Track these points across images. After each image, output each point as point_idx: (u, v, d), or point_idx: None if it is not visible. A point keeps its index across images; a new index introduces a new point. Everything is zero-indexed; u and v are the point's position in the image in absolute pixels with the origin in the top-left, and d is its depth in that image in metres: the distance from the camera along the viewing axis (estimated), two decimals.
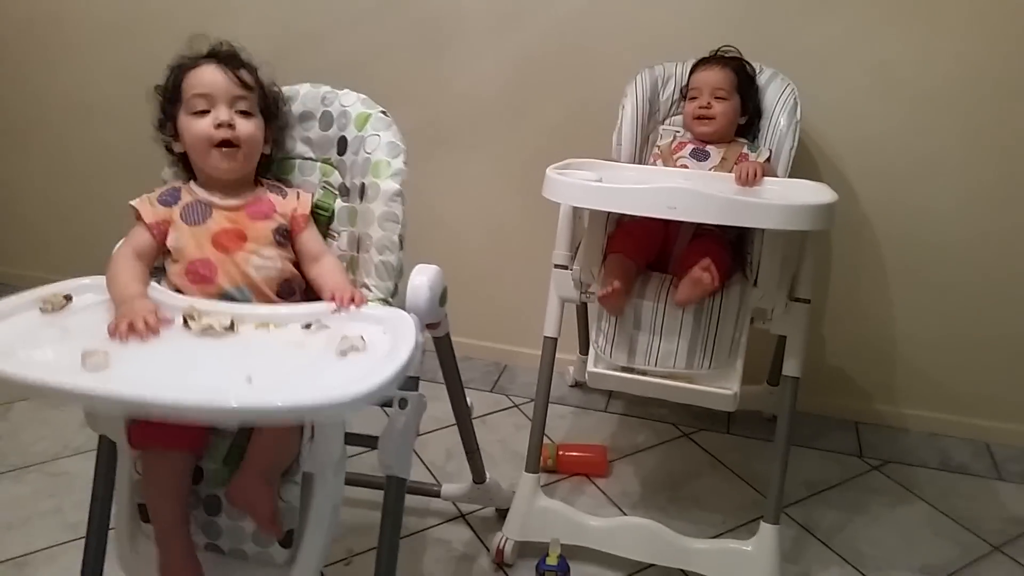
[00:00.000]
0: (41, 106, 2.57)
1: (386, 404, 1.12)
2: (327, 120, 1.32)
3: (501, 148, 2.21)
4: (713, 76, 1.71)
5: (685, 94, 1.78)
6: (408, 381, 1.05)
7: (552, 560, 1.51)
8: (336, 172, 1.32)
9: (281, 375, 0.94)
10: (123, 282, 1.13)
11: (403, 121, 2.17)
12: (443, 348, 1.43)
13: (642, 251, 1.58)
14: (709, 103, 1.69)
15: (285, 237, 1.23)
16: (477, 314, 2.42)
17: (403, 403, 1.13)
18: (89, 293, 1.12)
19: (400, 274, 1.20)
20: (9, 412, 2.08)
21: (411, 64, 2.19)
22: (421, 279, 1.17)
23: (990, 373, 2.08)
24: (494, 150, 2.22)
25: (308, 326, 1.06)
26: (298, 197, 1.26)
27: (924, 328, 2.09)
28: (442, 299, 1.22)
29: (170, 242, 1.20)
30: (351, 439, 1.16)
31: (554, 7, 2.04)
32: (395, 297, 1.20)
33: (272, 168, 1.33)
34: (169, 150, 1.28)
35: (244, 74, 1.23)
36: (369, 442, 1.16)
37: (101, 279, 1.15)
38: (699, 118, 1.70)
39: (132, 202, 1.23)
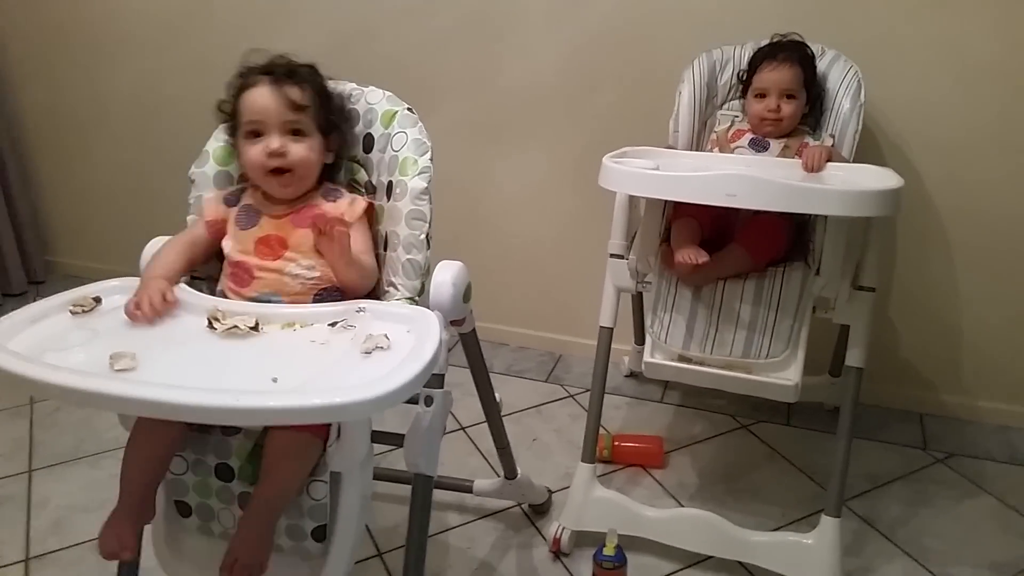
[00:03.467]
0: (105, 105, 2.65)
1: (412, 402, 1.11)
2: (353, 117, 1.31)
3: (556, 138, 2.20)
4: (782, 76, 1.64)
5: (744, 80, 1.74)
6: (433, 378, 1.04)
7: (609, 551, 1.50)
8: (363, 170, 1.32)
9: (306, 375, 0.94)
10: (152, 266, 1.19)
11: (459, 114, 2.23)
12: (469, 344, 1.42)
13: (706, 217, 1.55)
14: (778, 105, 1.64)
15: None
16: (532, 304, 2.43)
17: (429, 401, 1.12)
18: (118, 295, 1.14)
19: (427, 273, 1.19)
20: None
21: (464, 56, 2.20)
22: (444, 276, 1.16)
23: None
24: (549, 140, 2.22)
25: (333, 324, 1.07)
26: (352, 203, 1.25)
27: (994, 314, 2.02)
28: (466, 295, 1.20)
29: (224, 244, 1.23)
30: (377, 437, 1.15)
31: None
32: (422, 296, 1.20)
33: (342, 170, 1.33)
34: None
35: (297, 93, 1.21)
36: (396, 440, 1.16)
37: (130, 280, 1.17)
38: (767, 119, 1.66)
39: (206, 196, 1.28)
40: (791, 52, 1.67)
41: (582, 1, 2.05)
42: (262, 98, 1.20)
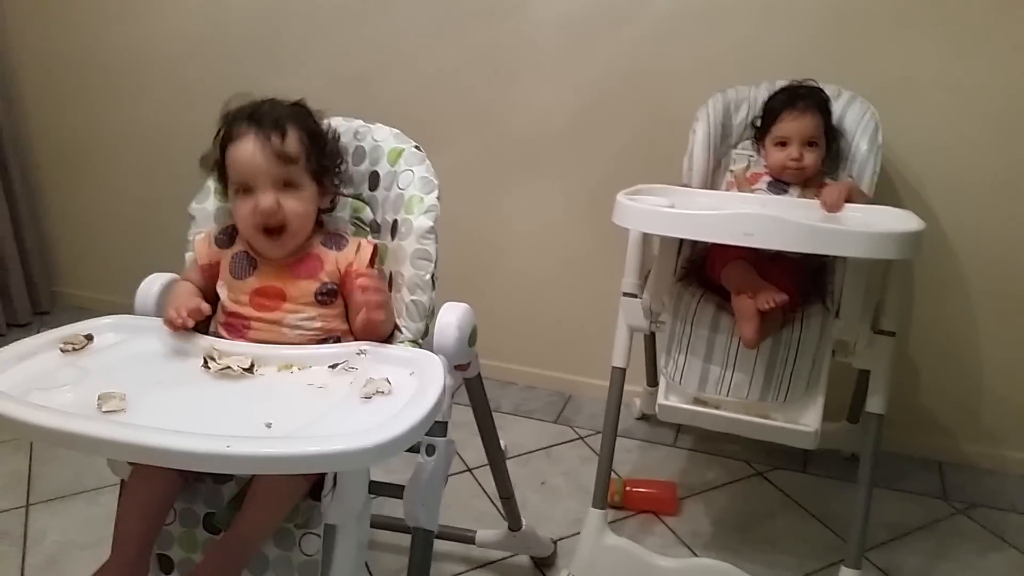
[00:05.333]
0: (115, 136, 2.65)
1: (413, 450, 1.07)
2: (359, 155, 1.28)
3: (566, 176, 2.19)
4: (805, 126, 1.61)
5: (759, 129, 1.72)
6: (436, 426, 0.99)
7: None
8: (367, 208, 1.28)
9: (302, 421, 0.90)
10: (175, 294, 1.18)
11: (470, 151, 2.22)
12: (474, 389, 1.37)
13: (719, 260, 1.53)
14: (801, 155, 1.61)
15: (331, 295, 1.18)
16: (541, 343, 2.39)
17: (430, 450, 1.07)
18: (110, 332, 1.11)
19: (431, 314, 1.15)
20: None
21: (475, 94, 2.19)
22: (449, 318, 1.12)
23: None
24: (559, 178, 2.20)
25: (333, 367, 1.04)
26: (358, 250, 1.20)
27: (1015, 361, 1.98)
28: (472, 339, 1.15)
29: (218, 287, 1.20)
30: (375, 488, 1.10)
31: (623, 32, 2.02)
32: (425, 338, 1.15)
33: (347, 208, 1.30)
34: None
35: (288, 145, 1.15)
36: (395, 491, 1.10)
37: (123, 318, 1.15)
38: (789, 168, 1.63)
39: (196, 237, 1.24)
40: (810, 99, 1.64)
41: (593, 40, 2.05)
42: (249, 153, 1.14)
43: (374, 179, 1.27)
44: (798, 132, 1.61)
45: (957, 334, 2.00)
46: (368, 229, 1.28)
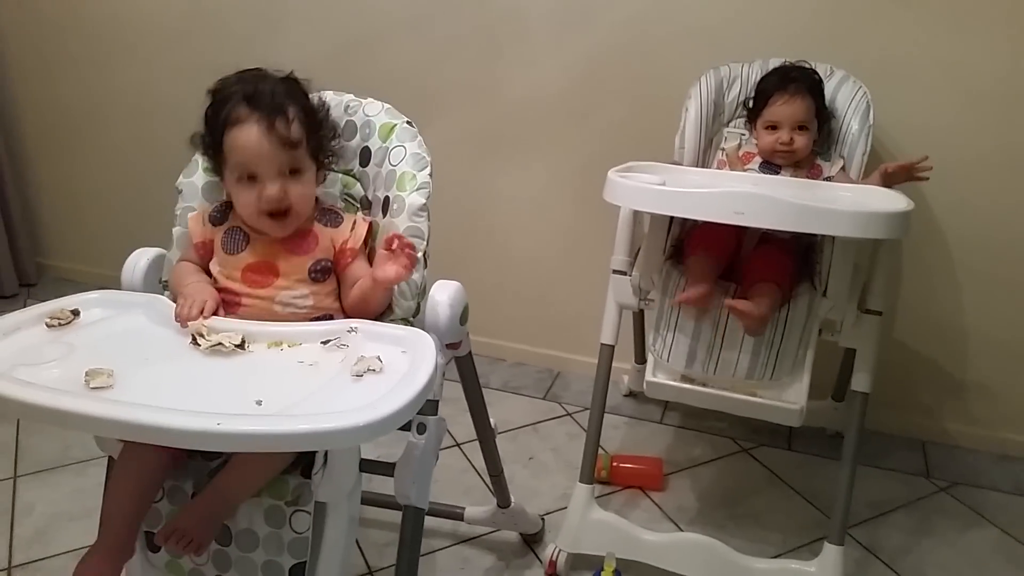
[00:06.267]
0: (102, 107, 2.62)
1: (404, 428, 1.06)
2: (350, 130, 1.26)
3: (558, 152, 2.18)
4: (795, 110, 1.60)
5: (749, 105, 1.71)
6: (427, 405, 0.98)
7: (607, 574, 1.46)
8: (358, 184, 1.27)
9: (292, 398, 0.89)
10: (181, 277, 1.16)
11: (461, 125, 2.21)
12: (465, 368, 1.36)
13: (722, 250, 1.53)
14: (792, 139, 1.60)
15: (325, 273, 1.17)
16: (531, 320, 2.40)
17: (421, 428, 1.06)
18: (96, 308, 1.10)
19: (423, 293, 1.14)
20: None
21: (469, 68, 2.17)
22: (441, 296, 1.12)
23: None
24: (551, 155, 2.19)
25: (325, 343, 1.03)
26: (353, 227, 1.19)
27: (1000, 343, 1.99)
28: (463, 317, 1.15)
29: (212, 267, 1.18)
30: (366, 466, 1.09)
31: (616, 9, 2.00)
32: (417, 316, 1.15)
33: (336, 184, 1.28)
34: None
35: (292, 129, 1.12)
36: (386, 469, 1.09)
37: (110, 293, 1.14)
38: (780, 152, 1.62)
39: (189, 215, 1.22)
40: (801, 83, 1.63)
41: (587, 15, 2.03)
42: (254, 141, 1.10)
43: (365, 155, 1.25)
44: (789, 116, 1.61)
45: (943, 315, 2.02)
46: (359, 205, 1.27)
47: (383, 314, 1.17)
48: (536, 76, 2.13)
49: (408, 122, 1.24)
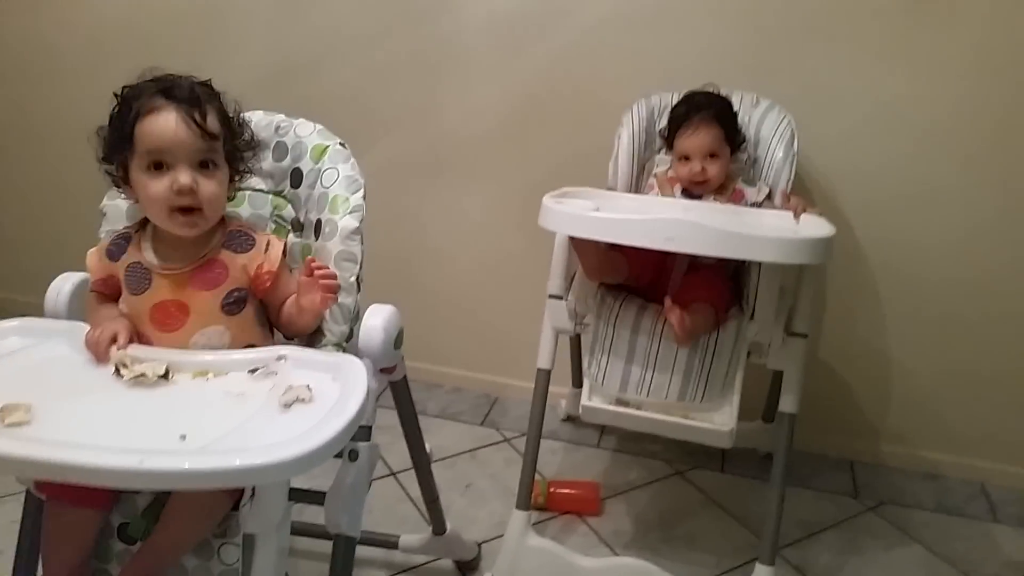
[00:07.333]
0: (27, 128, 2.54)
1: (336, 455, 1.03)
2: (281, 150, 1.24)
3: (498, 177, 2.20)
4: (701, 141, 1.62)
5: (667, 139, 1.73)
6: (360, 431, 0.96)
7: None
8: (289, 206, 1.24)
9: (218, 432, 0.86)
10: (96, 311, 1.12)
11: (399, 149, 2.20)
12: (400, 393, 1.35)
13: (638, 262, 1.55)
14: (703, 168, 1.63)
15: (239, 304, 1.11)
16: (468, 345, 2.39)
17: (353, 455, 1.05)
18: (14, 336, 1.06)
19: (356, 318, 1.13)
20: None
21: (408, 93, 2.18)
22: (375, 320, 1.11)
23: (988, 412, 2.05)
24: (491, 179, 2.21)
25: (253, 371, 1.00)
26: (267, 248, 1.13)
27: (921, 365, 2.07)
28: (398, 341, 1.14)
29: (120, 304, 1.12)
30: (296, 495, 1.07)
31: (552, 37, 2.03)
32: (350, 341, 1.14)
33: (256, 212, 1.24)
34: (117, 186, 1.15)
35: (210, 121, 1.07)
36: (317, 498, 1.07)
37: (29, 321, 1.09)
38: (695, 182, 1.66)
39: (89, 251, 1.16)
40: (707, 110, 1.65)
41: (523, 43, 2.06)
42: (171, 126, 1.05)
43: (296, 176, 1.23)
44: (697, 148, 1.63)
45: (866, 339, 2.08)
46: (290, 228, 1.25)
47: (316, 340, 1.15)
48: (475, 101, 2.15)
49: (341, 143, 1.22)
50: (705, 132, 1.63)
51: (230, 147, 1.12)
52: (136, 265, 1.11)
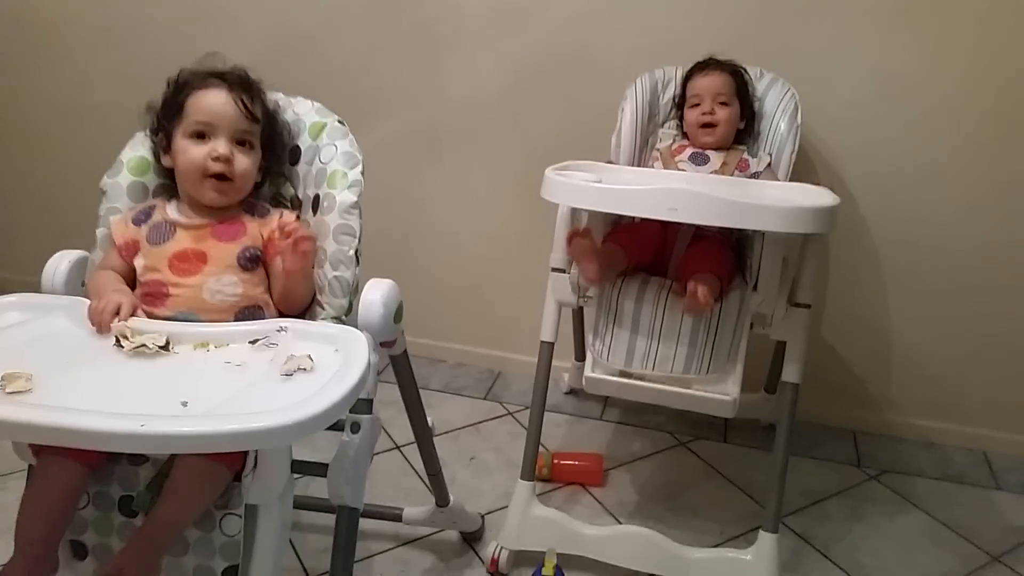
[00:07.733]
0: (25, 107, 2.52)
1: (338, 428, 1.06)
2: None
3: (499, 152, 2.19)
4: (714, 82, 1.69)
5: (679, 103, 1.76)
6: (361, 404, 0.98)
7: (548, 570, 1.47)
8: (288, 183, 1.27)
9: (219, 398, 0.87)
10: (98, 283, 1.13)
11: (400, 125, 2.19)
12: (400, 367, 1.36)
13: (637, 246, 1.55)
14: (713, 109, 1.67)
15: (254, 262, 1.16)
16: (471, 320, 2.40)
17: (355, 427, 1.06)
18: (13, 312, 1.06)
19: (355, 291, 1.14)
20: None
21: (407, 68, 2.16)
22: (374, 295, 1.11)
23: (989, 381, 2.06)
24: (492, 154, 2.20)
25: (253, 342, 1.01)
26: (281, 218, 1.18)
27: (923, 335, 2.07)
28: (397, 315, 1.15)
29: (136, 262, 1.16)
30: (298, 467, 1.08)
31: (553, 11, 2.02)
32: (349, 315, 1.14)
33: (263, 190, 1.28)
34: (156, 158, 1.23)
35: (256, 106, 1.19)
36: (319, 469, 1.08)
37: (29, 296, 1.10)
38: (704, 126, 1.68)
39: (112, 218, 1.20)
40: (720, 65, 1.72)
41: (525, 17, 2.04)
42: (220, 101, 1.16)
43: (294, 153, 1.25)
44: (708, 88, 1.68)
45: (869, 310, 2.09)
46: (289, 205, 1.26)
47: (315, 313, 1.16)
48: (474, 76, 2.13)
49: (339, 120, 1.24)
50: (718, 75, 1.70)
51: (268, 134, 1.21)
52: (161, 222, 1.18)
